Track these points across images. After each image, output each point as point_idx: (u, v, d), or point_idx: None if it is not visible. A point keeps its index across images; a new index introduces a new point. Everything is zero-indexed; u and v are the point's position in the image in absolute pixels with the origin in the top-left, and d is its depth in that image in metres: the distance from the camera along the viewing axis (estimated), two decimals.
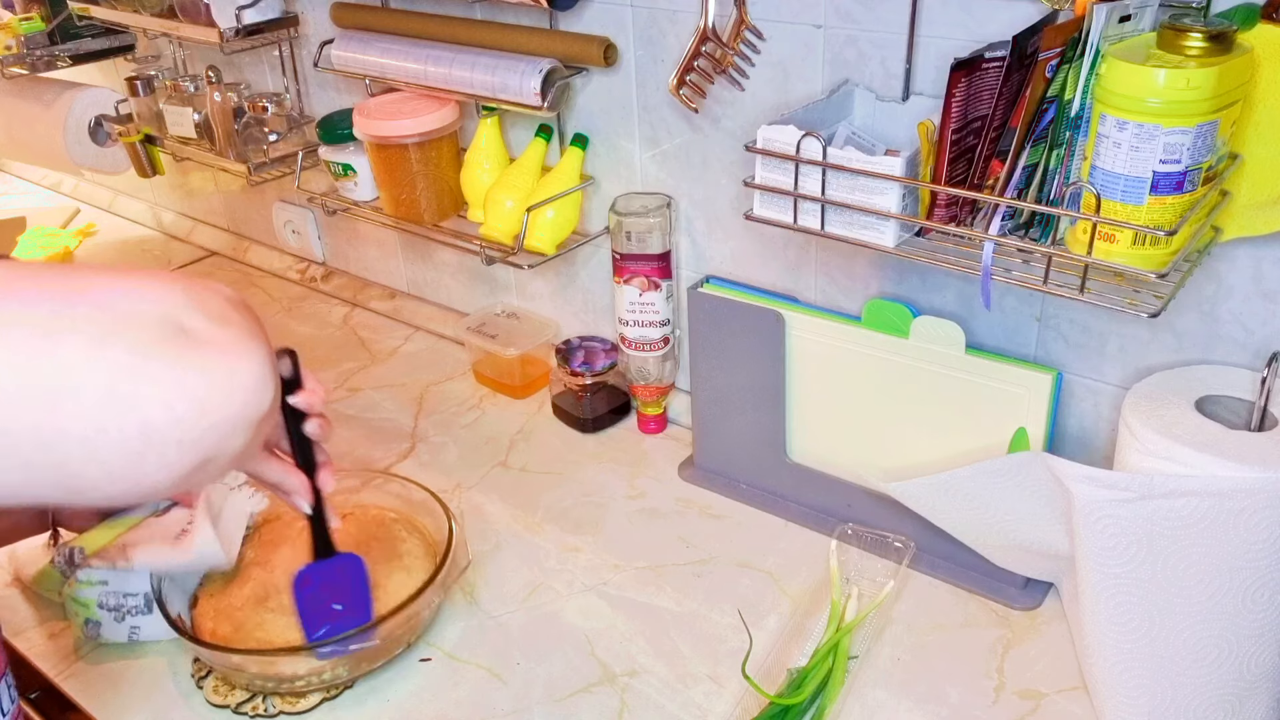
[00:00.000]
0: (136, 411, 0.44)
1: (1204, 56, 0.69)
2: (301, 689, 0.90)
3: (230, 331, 0.49)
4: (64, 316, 0.44)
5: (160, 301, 0.47)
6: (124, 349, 0.44)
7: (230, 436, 0.47)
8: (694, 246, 1.17)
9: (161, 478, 0.46)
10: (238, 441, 0.48)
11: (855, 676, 0.89)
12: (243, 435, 0.48)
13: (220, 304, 0.50)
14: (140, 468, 0.45)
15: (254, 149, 1.43)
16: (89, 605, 0.93)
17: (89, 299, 0.45)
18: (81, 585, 0.92)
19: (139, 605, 0.94)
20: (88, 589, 0.92)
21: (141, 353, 0.45)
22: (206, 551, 0.93)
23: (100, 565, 0.92)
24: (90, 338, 0.44)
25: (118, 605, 0.93)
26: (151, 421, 0.44)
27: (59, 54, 1.58)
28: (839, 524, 1.03)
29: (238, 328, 0.49)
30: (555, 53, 1.12)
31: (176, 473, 0.46)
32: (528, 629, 0.97)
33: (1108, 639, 0.80)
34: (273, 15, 1.37)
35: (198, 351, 0.46)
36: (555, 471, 1.19)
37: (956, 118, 0.78)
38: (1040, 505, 0.84)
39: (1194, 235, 0.76)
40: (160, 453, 0.45)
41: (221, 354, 0.47)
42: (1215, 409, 0.80)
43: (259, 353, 0.50)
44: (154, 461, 0.45)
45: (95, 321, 0.44)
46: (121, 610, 0.93)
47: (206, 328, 0.48)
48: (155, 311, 0.46)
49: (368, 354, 1.46)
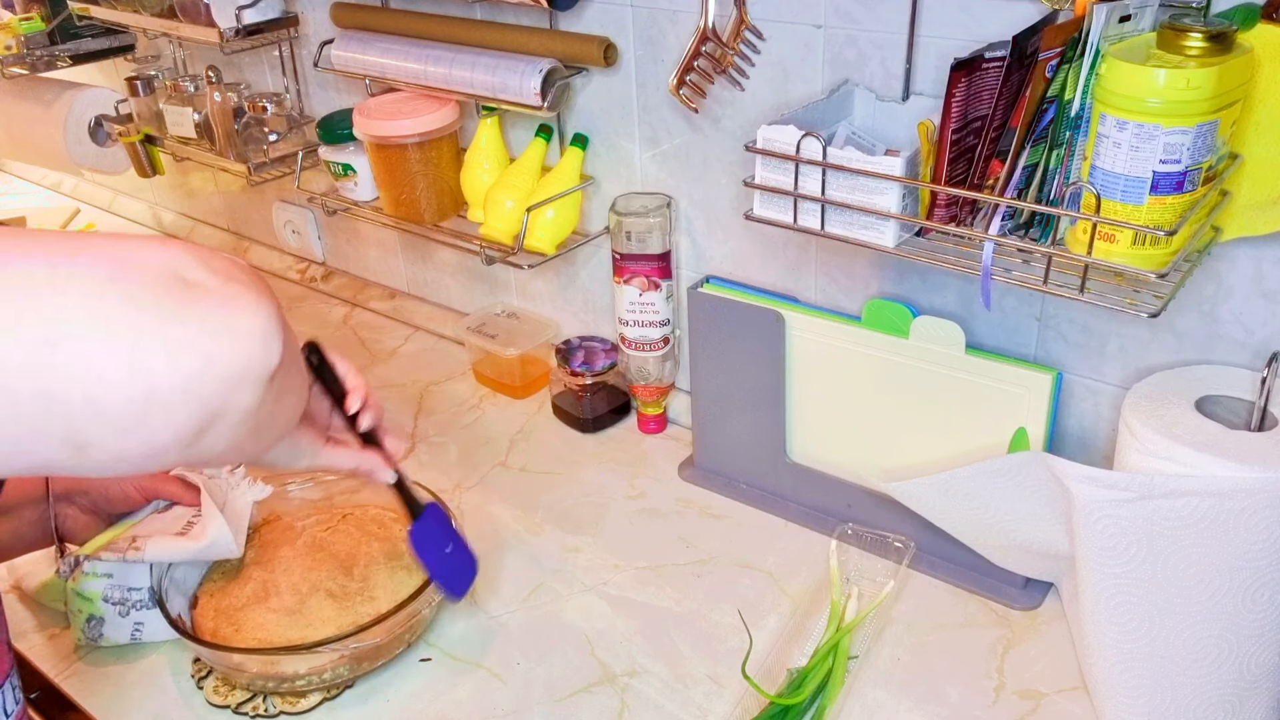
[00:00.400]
0: (138, 362, 0.43)
1: (1204, 56, 0.69)
2: (302, 689, 0.90)
3: (234, 286, 0.47)
4: (61, 268, 0.43)
5: (162, 254, 0.46)
6: (123, 299, 0.43)
7: (237, 390, 0.46)
8: (694, 246, 1.17)
9: (169, 436, 0.45)
10: (246, 397, 0.47)
11: (855, 676, 0.89)
12: (250, 390, 0.47)
13: (224, 262, 0.49)
14: (145, 423, 0.44)
15: (254, 149, 1.43)
16: (93, 599, 0.92)
17: (89, 253, 0.44)
18: (86, 577, 0.92)
19: (144, 599, 0.93)
20: (92, 581, 0.92)
21: (142, 303, 0.44)
22: (219, 540, 0.93)
23: (110, 557, 0.91)
24: (89, 289, 0.43)
25: (122, 599, 0.93)
26: (154, 372, 0.43)
27: (59, 54, 1.58)
28: (839, 524, 1.03)
29: (241, 283, 0.48)
30: (555, 53, 1.12)
31: (184, 430, 0.45)
32: (528, 629, 0.97)
33: (1108, 639, 0.80)
34: (273, 15, 1.37)
35: (200, 303, 0.45)
36: (555, 471, 1.19)
37: (956, 118, 0.78)
38: (1040, 505, 0.84)
39: (1194, 235, 0.76)
40: (165, 407, 0.44)
41: (224, 305, 0.46)
42: (1215, 409, 0.80)
43: (264, 305, 0.48)
44: (159, 416, 0.44)
45: (95, 273, 0.43)
46: (126, 604, 0.93)
47: (210, 280, 0.47)
48: (157, 263, 0.45)
49: (368, 354, 1.46)
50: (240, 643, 0.90)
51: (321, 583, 0.95)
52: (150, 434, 0.44)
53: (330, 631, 0.90)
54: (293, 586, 0.95)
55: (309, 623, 0.91)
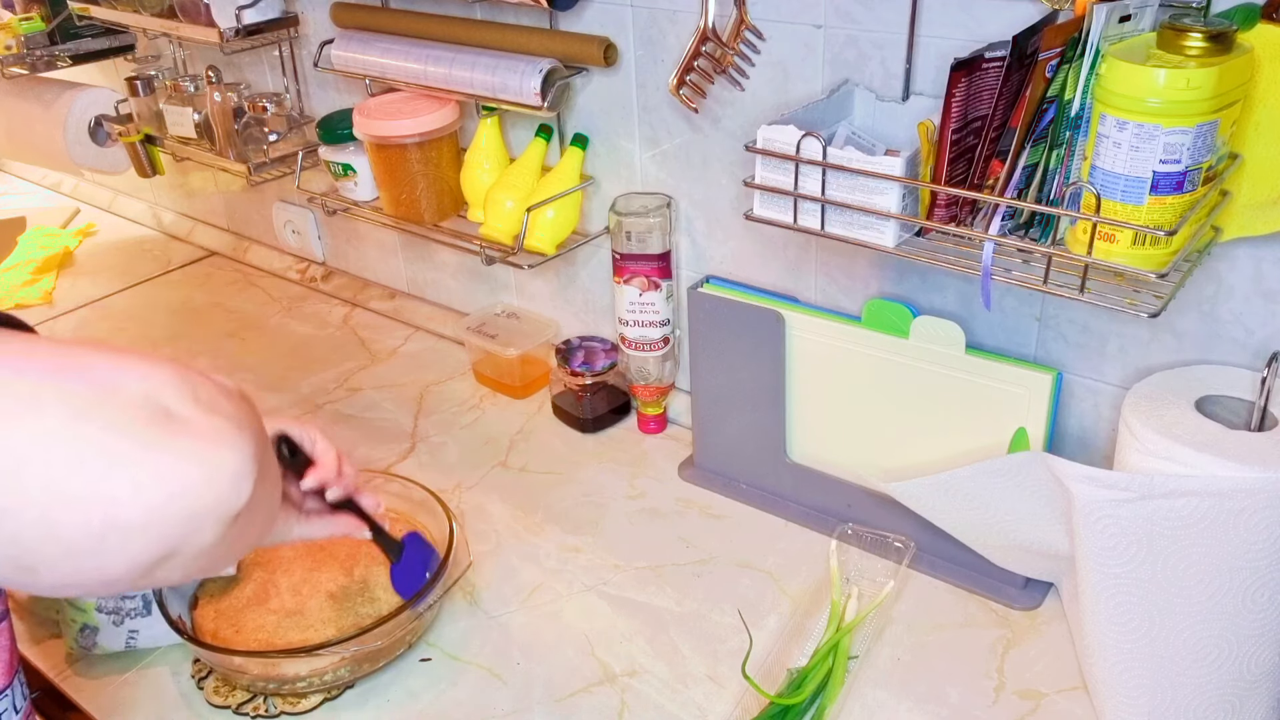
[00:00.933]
0: (102, 490, 0.42)
1: (1204, 56, 0.69)
2: (303, 690, 0.90)
3: (215, 420, 0.46)
4: (46, 387, 0.42)
5: (146, 380, 0.45)
6: (100, 425, 0.43)
7: (199, 531, 0.45)
8: (694, 246, 1.17)
9: (122, 568, 0.44)
10: (206, 537, 0.46)
11: (855, 676, 0.89)
12: (212, 531, 0.46)
13: (212, 391, 0.48)
14: (100, 552, 0.43)
15: (254, 149, 1.43)
16: (87, 609, 0.92)
17: (76, 372, 0.43)
18: None
19: (137, 608, 0.93)
20: None
21: (117, 430, 0.43)
22: None
23: None
24: (68, 411, 0.42)
25: (116, 608, 0.93)
26: (117, 503, 0.42)
27: (59, 54, 1.58)
28: (839, 524, 1.03)
29: (225, 418, 0.47)
30: (555, 53, 1.12)
31: (137, 563, 0.44)
32: (528, 629, 0.97)
33: (1108, 639, 0.80)
34: (273, 15, 1.37)
35: (177, 437, 0.44)
36: (555, 471, 1.19)
37: (956, 118, 0.78)
38: (1040, 505, 0.84)
39: (1194, 235, 0.76)
40: (123, 537, 0.43)
41: (201, 442, 0.45)
42: (1215, 409, 0.80)
43: (242, 446, 0.47)
44: (115, 546, 0.43)
45: (76, 394, 0.43)
46: (120, 613, 0.93)
47: (191, 413, 0.46)
48: (139, 390, 0.45)
49: (368, 354, 1.46)
50: (241, 644, 0.90)
51: (322, 584, 0.95)
52: (104, 563, 0.43)
53: (331, 632, 0.90)
54: (293, 587, 0.95)
55: (310, 624, 0.91)
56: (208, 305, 1.62)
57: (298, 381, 1.39)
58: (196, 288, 1.69)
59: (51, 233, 1.87)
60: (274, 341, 1.50)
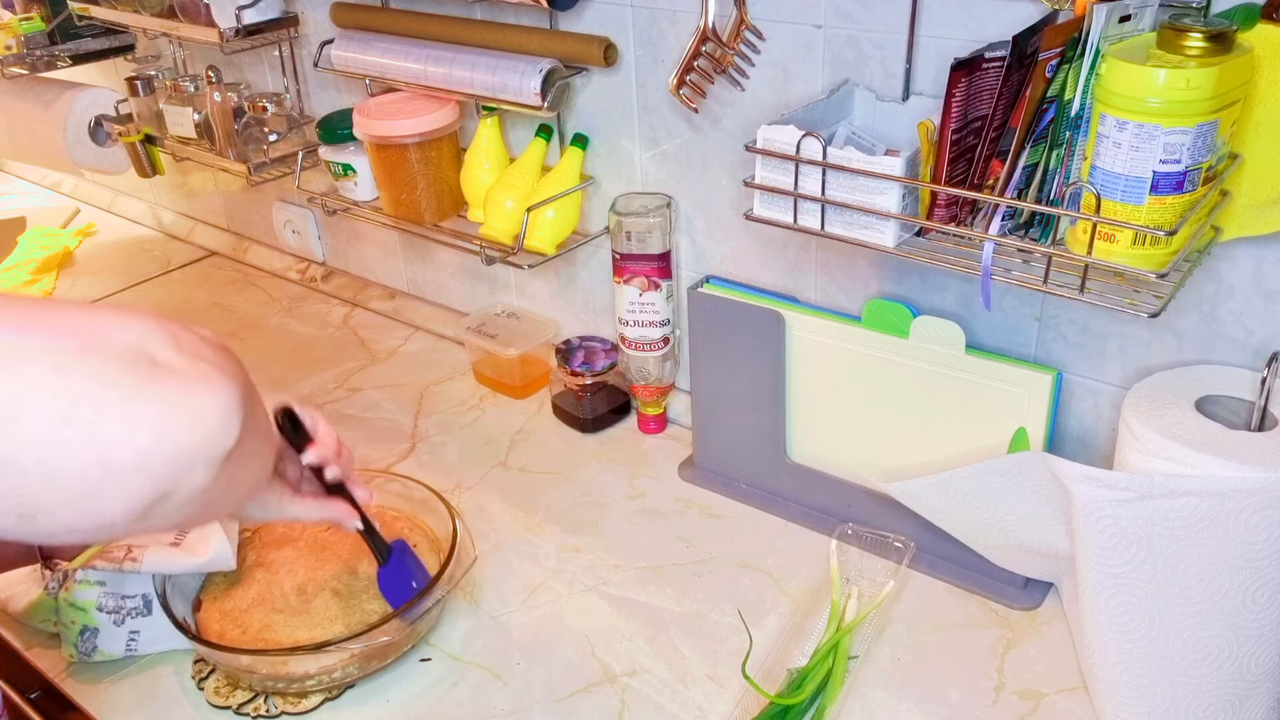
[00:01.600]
0: (96, 437, 0.43)
1: (1204, 56, 0.69)
2: (311, 688, 0.90)
3: (199, 365, 0.48)
4: (31, 341, 0.43)
5: (131, 331, 0.47)
6: (88, 375, 0.44)
7: (191, 470, 0.47)
8: (694, 246, 1.17)
9: (119, 510, 0.45)
10: (198, 478, 0.47)
11: (855, 676, 0.89)
12: (204, 471, 0.48)
13: (193, 339, 0.50)
14: (97, 497, 0.44)
15: (254, 149, 1.43)
16: (86, 609, 0.91)
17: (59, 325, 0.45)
18: (79, 586, 0.91)
19: (138, 607, 0.93)
20: (86, 590, 0.91)
21: (106, 380, 0.44)
22: (220, 554, 0.93)
23: (105, 566, 0.91)
24: (55, 362, 0.43)
25: (116, 607, 0.92)
26: (111, 448, 0.44)
27: (59, 54, 1.58)
28: (839, 524, 1.03)
29: (208, 363, 0.49)
30: (555, 53, 1.12)
31: (134, 505, 0.46)
32: (528, 629, 0.97)
33: (1108, 639, 0.80)
34: (273, 15, 1.37)
35: (164, 382, 0.46)
36: (555, 471, 1.19)
37: (956, 118, 0.78)
38: (1040, 505, 0.84)
39: (1194, 235, 0.76)
40: (119, 482, 0.44)
41: (188, 385, 0.47)
42: (1215, 409, 0.80)
43: (227, 388, 0.49)
44: (112, 491, 0.44)
45: (62, 347, 0.44)
46: (120, 612, 0.92)
47: (176, 359, 0.47)
48: (124, 340, 0.46)
49: (368, 354, 1.46)
50: (247, 644, 0.90)
51: (326, 582, 0.95)
52: (100, 507, 0.45)
53: (338, 630, 0.90)
54: (297, 587, 0.95)
55: (316, 622, 0.91)
56: (208, 305, 1.63)
57: (298, 382, 1.39)
58: (196, 288, 1.69)
59: (51, 233, 1.87)
60: (274, 342, 1.50)
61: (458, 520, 0.98)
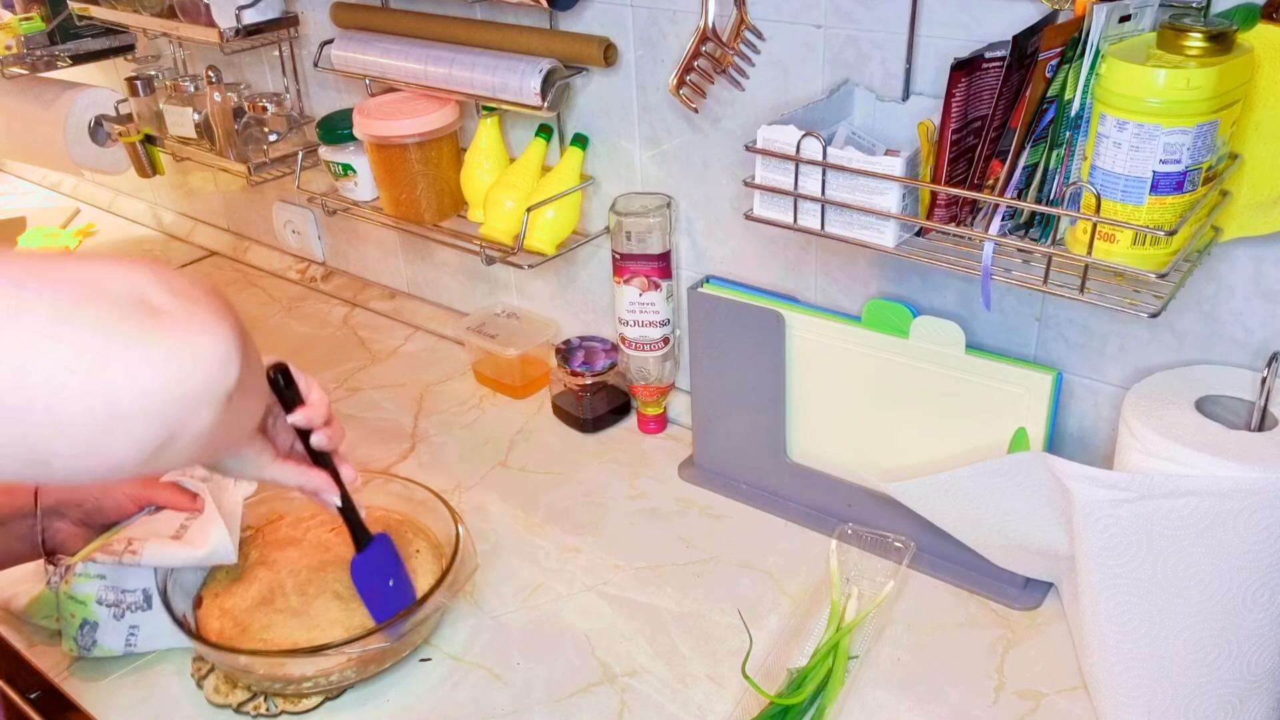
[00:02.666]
0: (101, 383, 0.44)
1: (1204, 56, 0.69)
2: (308, 690, 0.90)
3: (195, 309, 0.49)
4: (28, 292, 0.44)
5: (124, 278, 0.48)
6: (87, 323, 0.45)
7: (196, 410, 0.48)
8: (694, 246, 1.17)
9: (128, 453, 0.46)
10: (204, 417, 0.49)
11: (855, 676, 0.89)
12: (208, 410, 0.49)
13: (187, 284, 0.51)
14: (107, 440, 0.46)
15: (254, 149, 1.43)
16: (86, 602, 0.91)
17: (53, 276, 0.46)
18: (79, 579, 0.91)
19: (138, 601, 0.93)
20: (86, 583, 0.91)
21: (105, 327, 0.45)
22: (220, 547, 0.92)
23: (105, 559, 0.90)
24: (53, 312, 0.44)
25: (116, 601, 0.92)
26: (116, 393, 0.45)
27: (59, 54, 1.58)
28: (839, 524, 1.03)
29: (204, 306, 0.50)
30: (555, 53, 1.12)
31: (143, 447, 0.47)
32: (528, 629, 0.97)
33: (1108, 639, 0.80)
34: (273, 15, 1.37)
35: (162, 325, 0.47)
36: (555, 471, 1.19)
37: (956, 118, 0.78)
38: (1040, 505, 0.84)
39: (1194, 235, 0.76)
40: (126, 425, 0.46)
41: (187, 327, 0.48)
42: (1215, 409, 0.80)
43: (225, 327, 0.50)
44: (120, 434, 0.46)
45: (59, 296, 0.45)
46: (120, 606, 0.92)
47: (172, 303, 0.48)
48: (119, 287, 0.47)
49: (368, 354, 1.46)
50: (246, 644, 0.90)
51: (328, 584, 0.94)
52: (110, 449, 0.46)
53: (338, 633, 0.90)
54: (299, 588, 0.94)
55: (316, 624, 0.91)
56: None
57: None
58: None
59: (51, 233, 1.87)
60: (274, 341, 1.50)
61: (460, 525, 0.97)
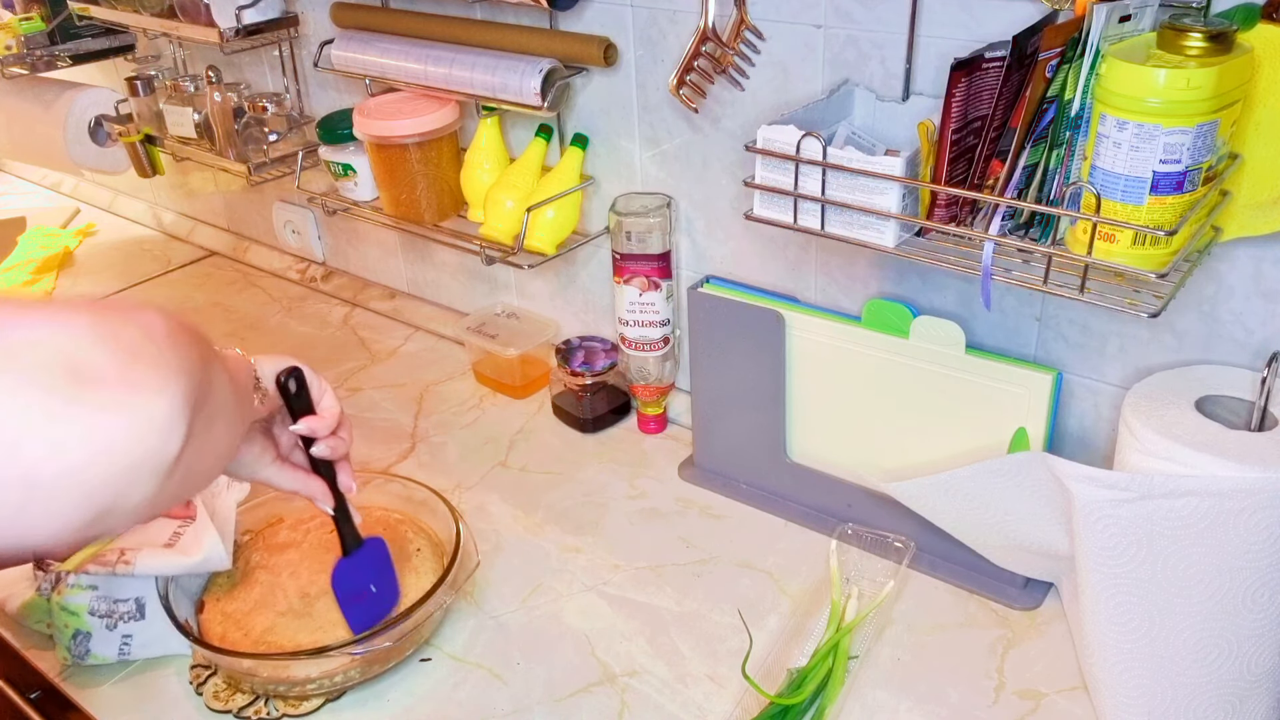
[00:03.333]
0: (18, 457, 0.40)
1: (1204, 56, 0.69)
2: (312, 691, 0.90)
3: (136, 371, 0.44)
4: None
5: (58, 334, 0.43)
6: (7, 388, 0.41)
7: (132, 485, 0.44)
8: (694, 246, 1.17)
9: (50, 529, 0.42)
10: (143, 491, 0.44)
11: (855, 676, 0.89)
12: (148, 484, 0.44)
13: (135, 336, 0.45)
14: (24, 519, 0.41)
15: (254, 149, 1.43)
16: (79, 613, 0.91)
17: None
18: (71, 590, 0.90)
19: (130, 611, 0.92)
20: (78, 594, 0.90)
21: (27, 393, 0.41)
22: (213, 555, 0.92)
23: (98, 570, 0.90)
24: None
25: (109, 611, 0.91)
26: (36, 468, 0.41)
27: (59, 54, 1.58)
28: (839, 524, 1.03)
29: (148, 364, 0.45)
30: (555, 53, 1.12)
31: (68, 524, 0.42)
32: (528, 629, 0.97)
33: (1108, 639, 0.80)
34: (273, 15, 1.37)
35: (95, 390, 0.42)
36: (555, 471, 1.19)
37: (956, 118, 0.78)
38: (1040, 505, 0.84)
39: (1194, 235, 0.76)
40: (46, 502, 0.41)
41: (124, 394, 0.43)
42: (1215, 409, 0.80)
43: (168, 392, 0.45)
44: (39, 512, 0.41)
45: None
46: (113, 617, 0.91)
47: (108, 365, 0.43)
48: (50, 345, 0.42)
49: (368, 354, 1.46)
50: (249, 647, 0.90)
51: (329, 585, 0.94)
52: (28, 529, 0.42)
53: (340, 634, 0.90)
54: (300, 589, 0.95)
55: (319, 625, 0.91)
56: (208, 305, 1.62)
57: None
58: (196, 288, 1.69)
59: (51, 233, 1.87)
60: (274, 342, 1.50)
61: (460, 523, 0.97)
